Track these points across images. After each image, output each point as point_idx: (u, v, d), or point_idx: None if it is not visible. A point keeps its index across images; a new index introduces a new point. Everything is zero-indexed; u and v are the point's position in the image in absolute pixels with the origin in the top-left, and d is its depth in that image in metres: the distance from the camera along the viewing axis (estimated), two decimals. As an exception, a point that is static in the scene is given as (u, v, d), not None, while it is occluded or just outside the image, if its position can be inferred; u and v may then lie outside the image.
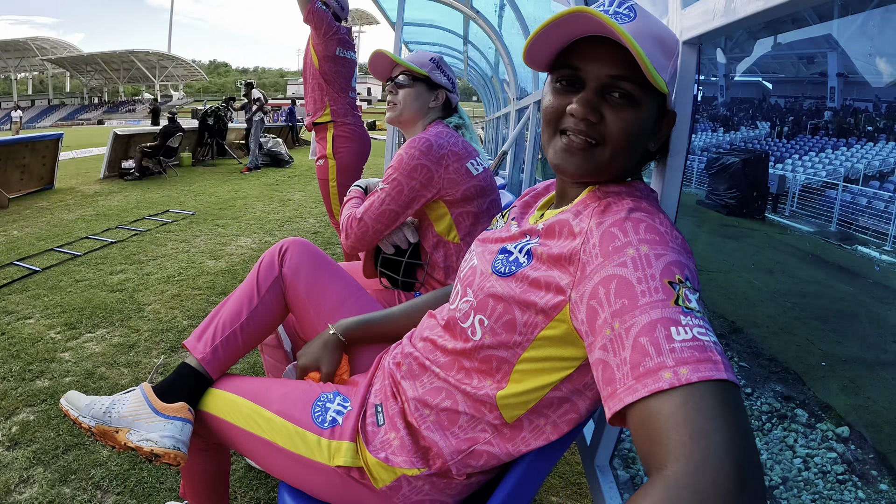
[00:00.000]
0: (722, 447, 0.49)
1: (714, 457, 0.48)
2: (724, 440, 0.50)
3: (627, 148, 0.81)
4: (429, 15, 6.59)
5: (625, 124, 0.79)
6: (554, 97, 0.84)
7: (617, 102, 0.79)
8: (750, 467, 0.49)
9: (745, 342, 4.05)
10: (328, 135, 2.93)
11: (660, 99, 0.82)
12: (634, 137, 0.80)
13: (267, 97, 10.88)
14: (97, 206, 6.54)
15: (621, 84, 0.78)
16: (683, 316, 0.60)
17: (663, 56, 0.80)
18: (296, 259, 1.30)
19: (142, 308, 3.20)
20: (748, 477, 0.48)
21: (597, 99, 0.80)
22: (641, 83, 0.77)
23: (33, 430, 1.99)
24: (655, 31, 0.80)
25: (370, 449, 0.95)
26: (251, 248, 4.71)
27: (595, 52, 0.79)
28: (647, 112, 0.80)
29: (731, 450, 0.49)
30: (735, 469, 0.48)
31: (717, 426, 0.51)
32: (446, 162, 1.51)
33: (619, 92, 0.79)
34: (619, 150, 0.80)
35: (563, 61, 0.83)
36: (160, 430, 1.06)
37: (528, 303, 0.80)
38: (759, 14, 0.82)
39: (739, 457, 0.49)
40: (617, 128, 0.79)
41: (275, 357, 1.54)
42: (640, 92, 0.78)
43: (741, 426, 0.52)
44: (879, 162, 11.37)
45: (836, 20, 12.71)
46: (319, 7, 2.78)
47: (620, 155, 0.81)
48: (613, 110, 0.79)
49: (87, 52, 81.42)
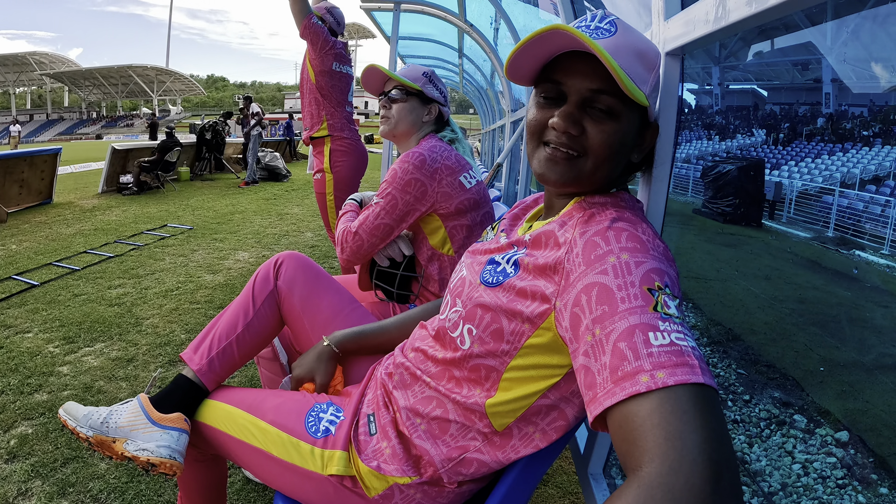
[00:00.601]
0: (696, 448, 0.50)
1: (688, 458, 0.50)
2: (699, 441, 0.51)
3: (608, 159, 0.83)
4: (424, 29, 6.63)
5: (605, 136, 0.81)
6: (537, 111, 0.86)
7: (597, 115, 0.82)
8: (725, 469, 0.50)
9: (742, 349, 4.06)
10: (325, 149, 2.95)
11: (641, 111, 0.84)
12: (615, 149, 0.83)
13: (265, 111, 10.84)
14: (95, 220, 6.56)
15: (601, 97, 0.81)
16: (662, 322, 0.62)
17: (644, 69, 0.83)
18: (291, 272, 1.32)
19: (140, 322, 3.21)
20: (723, 478, 0.49)
21: (578, 112, 0.82)
22: (621, 96, 0.80)
23: (32, 443, 1.99)
24: (636, 45, 0.83)
25: (362, 458, 0.96)
26: (249, 262, 4.72)
27: (576, 67, 0.82)
28: (627, 124, 0.83)
29: (706, 451, 0.50)
30: (709, 470, 0.49)
31: (693, 428, 0.52)
32: (440, 176, 1.53)
33: (599, 105, 0.81)
34: (600, 162, 0.83)
35: (546, 76, 0.85)
36: (156, 440, 1.07)
37: (514, 312, 0.82)
38: (740, 23, 0.85)
39: (714, 458, 0.50)
40: (598, 140, 0.81)
41: (271, 370, 1.55)
42: (621, 105, 0.81)
43: (717, 429, 0.53)
44: (875, 166, 11.42)
45: (829, 23, 12.80)
46: (315, 22, 2.80)
47: (602, 166, 0.83)
48: (594, 123, 0.81)
49: (85, 67, 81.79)
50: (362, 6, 4.56)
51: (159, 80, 79.68)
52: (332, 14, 3.04)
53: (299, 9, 2.77)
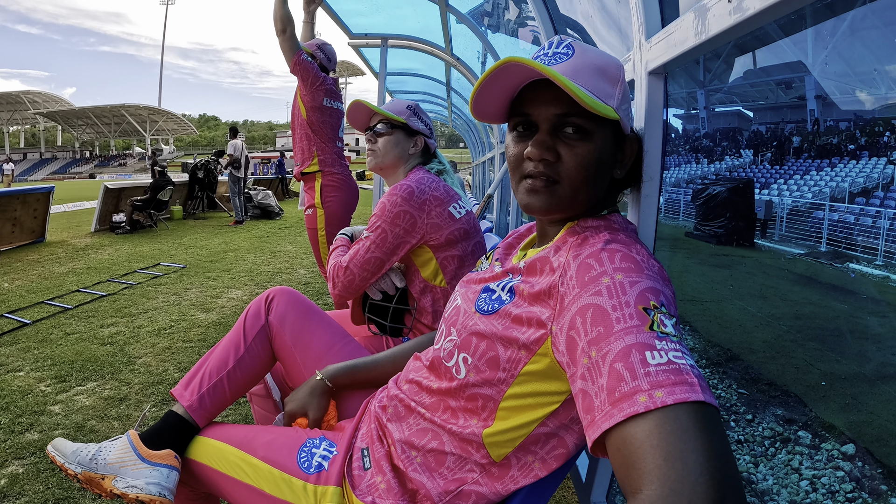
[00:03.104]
0: (698, 468, 0.49)
1: (690, 478, 0.48)
2: (700, 461, 0.49)
3: (587, 181, 0.83)
4: (411, 64, 6.70)
5: (579, 159, 0.82)
6: (513, 145, 0.88)
7: (570, 138, 0.82)
8: (728, 489, 0.48)
9: (742, 369, 4.03)
10: (316, 184, 2.96)
11: (614, 126, 0.85)
12: (592, 169, 0.83)
13: (243, 148, 10.34)
14: (88, 259, 6.52)
15: (570, 119, 0.82)
16: (658, 340, 0.61)
17: (607, 84, 0.84)
18: (282, 307, 1.31)
19: (133, 361, 3.17)
20: (727, 498, 0.47)
21: (550, 139, 0.83)
22: (590, 115, 0.80)
23: (22, 483, 1.96)
24: (595, 62, 0.84)
25: (357, 493, 0.93)
26: (242, 299, 4.69)
27: (540, 96, 0.83)
28: (602, 141, 0.83)
29: (708, 470, 0.48)
30: (712, 490, 0.47)
31: (693, 447, 0.50)
32: (429, 207, 1.52)
33: (571, 127, 0.82)
34: (579, 185, 0.83)
35: (515, 110, 0.87)
36: (146, 477, 1.05)
37: (510, 339, 0.80)
38: (720, 36, 0.86)
39: (717, 477, 0.48)
40: (573, 164, 0.82)
41: (264, 407, 1.52)
42: (591, 123, 0.82)
43: (718, 447, 0.51)
44: (864, 178, 11.56)
45: (810, 40, 13.07)
46: (305, 58, 2.83)
47: (582, 188, 0.84)
48: (567, 147, 0.82)
49: (78, 107, 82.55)
50: (350, 43, 4.63)
51: (152, 119, 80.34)
52: (322, 51, 3.07)
53: (289, 46, 2.80)
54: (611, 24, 2.68)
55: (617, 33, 2.63)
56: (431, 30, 4.89)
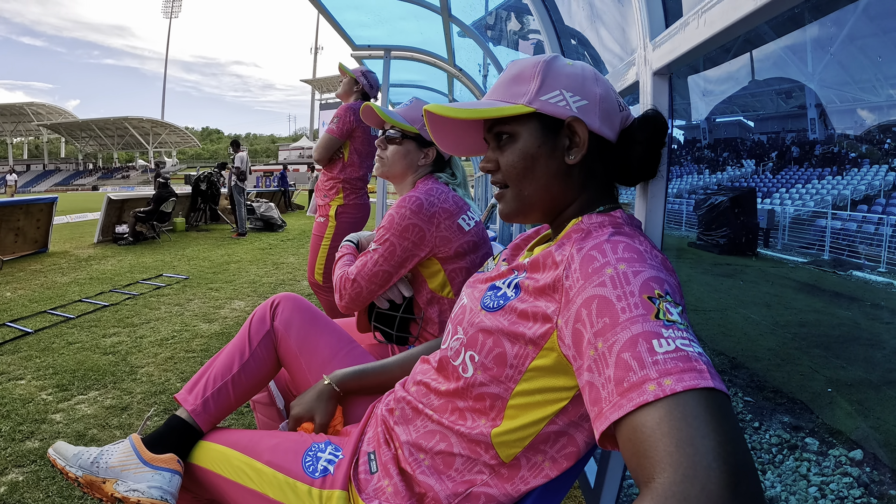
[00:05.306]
0: (710, 453, 0.48)
1: (702, 464, 0.47)
2: (713, 446, 0.49)
3: (524, 176, 0.89)
4: (414, 75, 6.71)
5: (507, 158, 0.89)
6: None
7: (503, 145, 0.90)
8: (743, 473, 0.47)
9: (748, 377, 4.01)
10: (333, 203, 3.04)
11: (541, 118, 0.86)
12: (525, 163, 0.88)
13: (245, 160, 10.41)
14: (91, 269, 6.53)
15: (495, 130, 0.91)
16: (665, 329, 0.60)
17: (519, 85, 0.88)
18: (287, 313, 1.31)
19: (135, 370, 3.16)
20: (740, 482, 0.46)
21: (493, 153, 0.92)
22: (508, 119, 0.88)
23: (22, 491, 1.94)
24: (509, 73, 0.91)
25: (363, 497, 0.92)
26: (245, 310, 4.67)
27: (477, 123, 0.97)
28: (528, 135, 0.87)
29: (721, 455, 0.48)
30: (726, 475, 0.46)
31: (705, 433, 0.50)
32: (438, 220, 1.50)
33: (503, 136, 0.90)
34: (519, 182, 0.89)
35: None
36: (148, 481, 1.04)
37: (516, 334, 0.80)
38: (722, 34, 0.86)
39: (730, 462, 0.48)
40: (505, 164, 0.90)
41: (267, 415, 1.50)
42: (513, 125, 0.88)
43: (730, 432, 0.51)
44: (865, 186, 11.55)
45: (809, 50, 13.11)
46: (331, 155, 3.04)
47: (525, 185, 0.89)
48: (500, 153, 0.91)
49: (81, 119, 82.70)
50: (353, 54, 4.64)
51: (155, 132, 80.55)
52: (366, 77, 3.13)
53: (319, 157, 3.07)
54: (613, 31, 2.69)
55: (619, 39, 2.65)
56: (434, 41, 4.91)
